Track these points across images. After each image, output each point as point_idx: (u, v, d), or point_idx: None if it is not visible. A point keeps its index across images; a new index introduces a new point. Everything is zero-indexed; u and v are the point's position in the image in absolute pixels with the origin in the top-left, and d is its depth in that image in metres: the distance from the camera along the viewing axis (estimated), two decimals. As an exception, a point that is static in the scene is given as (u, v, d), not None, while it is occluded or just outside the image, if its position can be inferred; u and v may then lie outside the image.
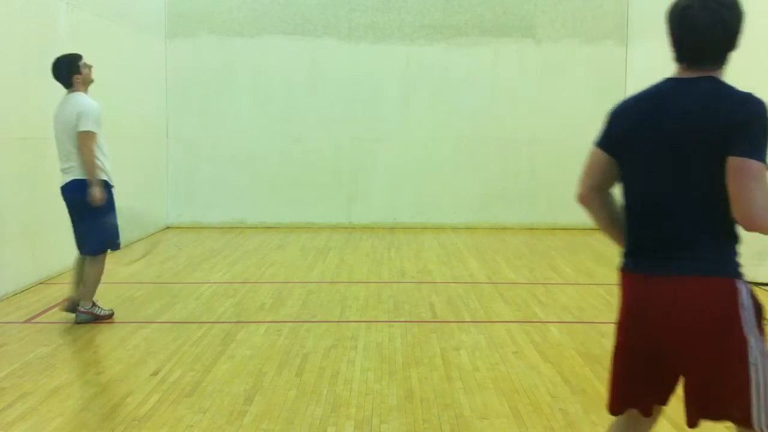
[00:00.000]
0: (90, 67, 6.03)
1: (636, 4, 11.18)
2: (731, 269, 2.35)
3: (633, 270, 2.48)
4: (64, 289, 7.05)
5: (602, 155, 2.53)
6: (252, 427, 3.94)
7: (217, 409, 4.18)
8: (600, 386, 4.56)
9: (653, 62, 10.45)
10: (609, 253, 9.40)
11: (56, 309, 6.22)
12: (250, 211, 11.53)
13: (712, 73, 2.38)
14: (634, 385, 2.52)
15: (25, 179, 7.07)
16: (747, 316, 2.32)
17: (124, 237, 9.65)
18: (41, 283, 7.26)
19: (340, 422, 4.00)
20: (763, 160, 2.24)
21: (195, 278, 7.75)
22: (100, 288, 6.06)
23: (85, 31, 8.38)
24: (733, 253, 2.38)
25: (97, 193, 5.69)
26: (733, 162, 2.24)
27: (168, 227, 11.38)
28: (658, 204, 2.40)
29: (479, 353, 5.19)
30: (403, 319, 6.13)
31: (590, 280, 7.75)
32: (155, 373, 4.74)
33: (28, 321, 5.98)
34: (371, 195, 11.58)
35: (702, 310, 2.33)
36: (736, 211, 2.25)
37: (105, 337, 5.55)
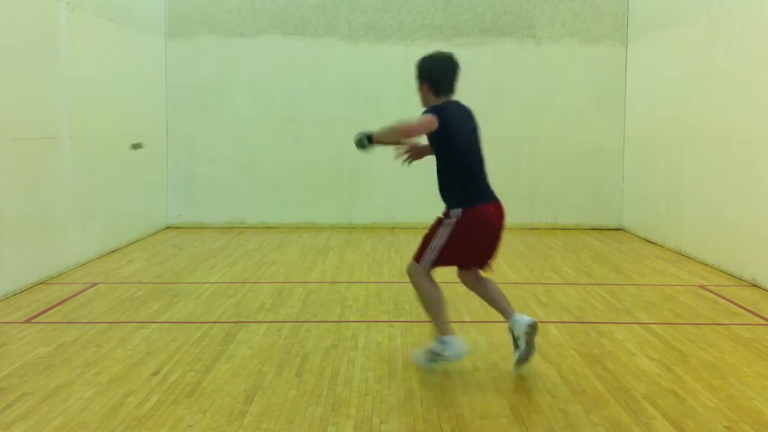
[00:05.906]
0: None
1: (636, 4, 11.18)
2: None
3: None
4: (65, 289, 7.07)
5: None
6: (252, 427, 3.94)
7: (217, 409, 4.18)
8: (600, 386, 4.56)
9: (653, 62, 10.47)
10: (609, 253, 9.42)
11: (56, 309, 6.22)
12: (250, 211, 11.53)
13: None
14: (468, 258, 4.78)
15: (25, 179, 7.07)
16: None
17: (123, 237, 9.68)
18: (41, 283, 7.26)
19: (340, 422, 4.00)
20: None
21: (195, 278, 7.75)
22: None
23: (85, 31, 8.39)
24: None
25: None
26: None
27: (168, 227, 11.39)
28: None
29: (479, 353, 5.19)
30: (403, 319, 6.13)
31: (590, 280, 7.75)
32: (155, 373, 4.75)
33: (28, 321, 5.98)
34: (371, 195, 11.58)
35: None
36: None
37: (105, 337, 5.55)
